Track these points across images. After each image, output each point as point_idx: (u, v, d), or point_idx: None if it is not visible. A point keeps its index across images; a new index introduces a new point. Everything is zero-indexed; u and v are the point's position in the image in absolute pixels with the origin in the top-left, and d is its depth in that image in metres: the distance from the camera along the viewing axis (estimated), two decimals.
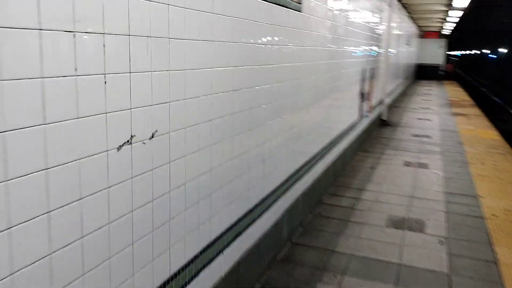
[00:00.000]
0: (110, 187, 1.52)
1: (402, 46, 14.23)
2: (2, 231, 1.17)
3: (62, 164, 1.33)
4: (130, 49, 1.55)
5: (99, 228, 1.50)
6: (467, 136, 8.17)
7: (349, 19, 5.01)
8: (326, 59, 4.11)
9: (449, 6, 12.62)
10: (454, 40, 26.25)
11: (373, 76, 7.38)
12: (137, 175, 1.65)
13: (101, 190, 1.49)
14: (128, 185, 1.60)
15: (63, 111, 1.32)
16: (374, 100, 7.95)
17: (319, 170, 4.36)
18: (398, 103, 12.99)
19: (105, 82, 1.46)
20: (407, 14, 14.34)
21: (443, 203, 4.52)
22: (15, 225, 1.21)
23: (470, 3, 11.88)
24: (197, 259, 2.13)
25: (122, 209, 1.59)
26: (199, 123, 2.03)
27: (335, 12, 4.32)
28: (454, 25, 20.43)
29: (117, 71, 1.50)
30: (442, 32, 25.41)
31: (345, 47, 4.97)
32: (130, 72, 1.56)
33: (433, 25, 20.70)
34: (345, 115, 5.52)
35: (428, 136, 8.07)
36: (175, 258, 1.95)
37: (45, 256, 1.30)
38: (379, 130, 8.58)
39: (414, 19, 17.17)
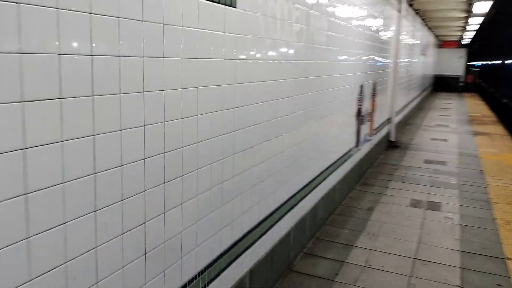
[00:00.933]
0: None
1: (417, 56, 13.00)
2: None
3: None
4: None
5: None
6: (490, 162, 6.90)
7: (335, 23, 3.89)
8: (292, 75, 2.99)
9: (469, 12, 11.37)
10: (474, 49, 24.78)
11: (375, 92, 6.22)
12: None
13: None
14: None
15: None
16: (378, 120, 6.78)
17: (288, 224, 3.22)
18: (411, 119, 11.73)
19: None
20: (422, 22, 13.12)
21: (459, 271, 3.32)
22: None
23: (491, 9, 10.62)
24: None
25: None
26: None
27: (310, 11, 3.21)
28: (474, 33, 19.07)
29: None
30: (462, 42, 24.01)
31: (329, 59, 3.84)
32: None
33: (452, 34, 19.38)
34: (334, 145, 4.37)
35: (442, 163, 6.83)
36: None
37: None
38: (385, 154, 7.38)
39: (430, 28, 15.91)
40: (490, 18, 13.31)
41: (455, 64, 24.48)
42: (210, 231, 2.18)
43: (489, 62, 19.40)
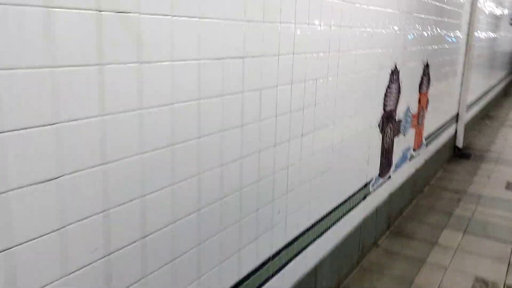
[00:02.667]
0: None
1: (504, 27, 9.98)
2: None
3: None
4: None
5: None
6: None
7: None
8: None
9: None
10: None
11: (428, 80, 3.89)
12: None
13: None
14: None
15: None
16: (435, 121, 4.43)
17: None
18: (492, 110, 8.93)
19: None
20: None
21: None
22: None
23: None
24: None
25: None
26: None
27: None
28: None
29: None
30: None
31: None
32: None
33: None
34: (324, 187, 2.27)
35: None
36: None
37: None
38: (445, 170, 5.00)
39: None
40: None
41: None
42: None
43: None
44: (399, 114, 3.28)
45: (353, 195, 2.69)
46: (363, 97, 2.59)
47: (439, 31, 3.99)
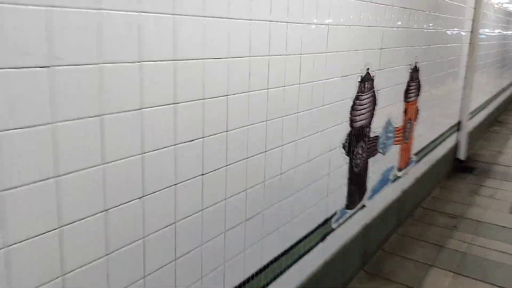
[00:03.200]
0: None
1: None
2: None
3: None
4: None
5: None
6: None
7: None
8: None
9: None
10: None
11: (418, 85, 3.27)
12: None
13: None
14: None
15: None
16: (430, 132, 3.81)
17: None
18: (502, 115, 8.22)
19: None
20: None
21: None
22: None
23: None
24: None
25: None
26: None
27: None
28: None
29: None
30: None
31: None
32: None
33: None
34: (275, 230, 1.69)
35: None
36: None
37: None
38: (443, 187, 4.37)
39: None
40: None
41: None
42: None
43: None
44: (376, 129, 2.67)
45: (305, 237, 2.10)
46: (316, 114, 2.00)
47: (433, 28, 3.36)
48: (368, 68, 2.42)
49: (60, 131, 0.99)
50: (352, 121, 2.35)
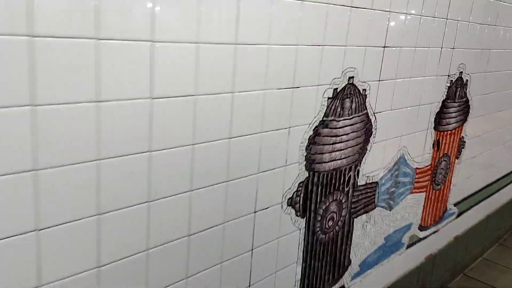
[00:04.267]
0: None
1: None
2: None
3: None
4: None
5: None
6: None
7: None
8: None
9: None
10: None
11: (464, 106, 2.21)
12: None
13: None
14: None
15: None
16: (475, 178, 2.69)
17: None
18: None
19: None
20: None
21: None
22: None
23: None
24: None
25: None
26: None
27: None
28: None
29: None
30: None
31: None
32: None
33: None
34: None
35: None
36: None
37: None
38: (504, 247, 3.17)
39: None
40: None
41: None
42: None
43: None
44: (372, 172, 1.70)
45: None
46: (220, 151, 1.11)
47: (493, 23, 2.26)
48: (353, 77, 1.46)
49: None
50: (311, 162, 1.41)
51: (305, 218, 1.47)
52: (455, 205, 2.46)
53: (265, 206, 1.30)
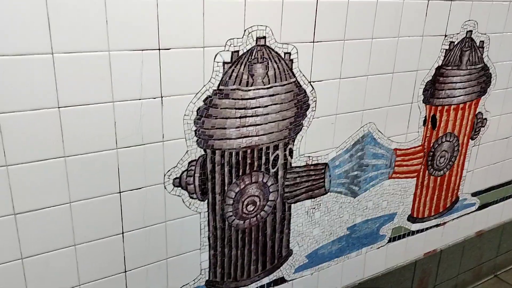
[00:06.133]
0: None
1: None
2: None
3: None
4: None
5: None
6: None
7: None
8: None
9: None
10: None
11: (481, 72, 1.77)
12: None
13: None
14: None
15: None
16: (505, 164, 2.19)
17: None
18: None
19: None
20: None
21: None
22: None
23: None
24: None
25: None
26: None
27: None
28: None
29: None
30: None
31: None
32: None
33: None
34: None
35: None
36: None
37: None
38: None
39: None
40: None
41: None
42: None
43: None
44: (319, 152, 1.44)
45: None
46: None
47: None
48: (264, 37, 1.20)
49: None
50: (207, 138, 1.21)
51: (207, 201, 1.29)
52: (474, 195, 2.03)
53: (136, 187, 1.15)
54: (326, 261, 1.64)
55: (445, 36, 1.59)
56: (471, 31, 1.65)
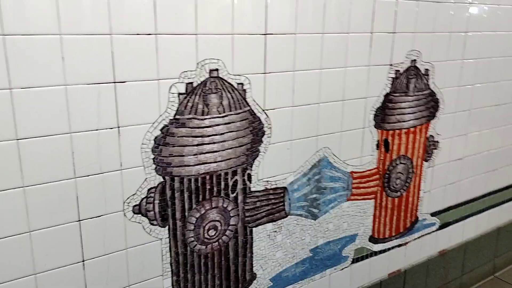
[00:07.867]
0: None
1: None
2: None
3: None
4: None
5: None
6: None
7: None
8: None
9: None
10: None
11: (428, 97, 1.89)
12: None
13: None
14: None
15: None
16: (467, 183, 2.30)
17: None
18: None
19: None
20: None
21: None
22: None
23: None
24: None
25: None
26: None
27: None
28: None
29: None
30: None
31: None
32: None
33: None
34: None
35: None
36: None
37: None
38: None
39: None
40: None
41: None
42: None
43: None
44: (278, 177, 1.50)
45: None
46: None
47: None
48: (217, 70, 1.29)
49: None
50: (165, 165, 1.27)
51: (167, 227, 1.33)
52: (433, 214, 2.12)
53: (96, 215, 1.19)
54: (291, 284, 1.68)
55: (391, 65, 1.71)
56: (415, 60, 1.78)
